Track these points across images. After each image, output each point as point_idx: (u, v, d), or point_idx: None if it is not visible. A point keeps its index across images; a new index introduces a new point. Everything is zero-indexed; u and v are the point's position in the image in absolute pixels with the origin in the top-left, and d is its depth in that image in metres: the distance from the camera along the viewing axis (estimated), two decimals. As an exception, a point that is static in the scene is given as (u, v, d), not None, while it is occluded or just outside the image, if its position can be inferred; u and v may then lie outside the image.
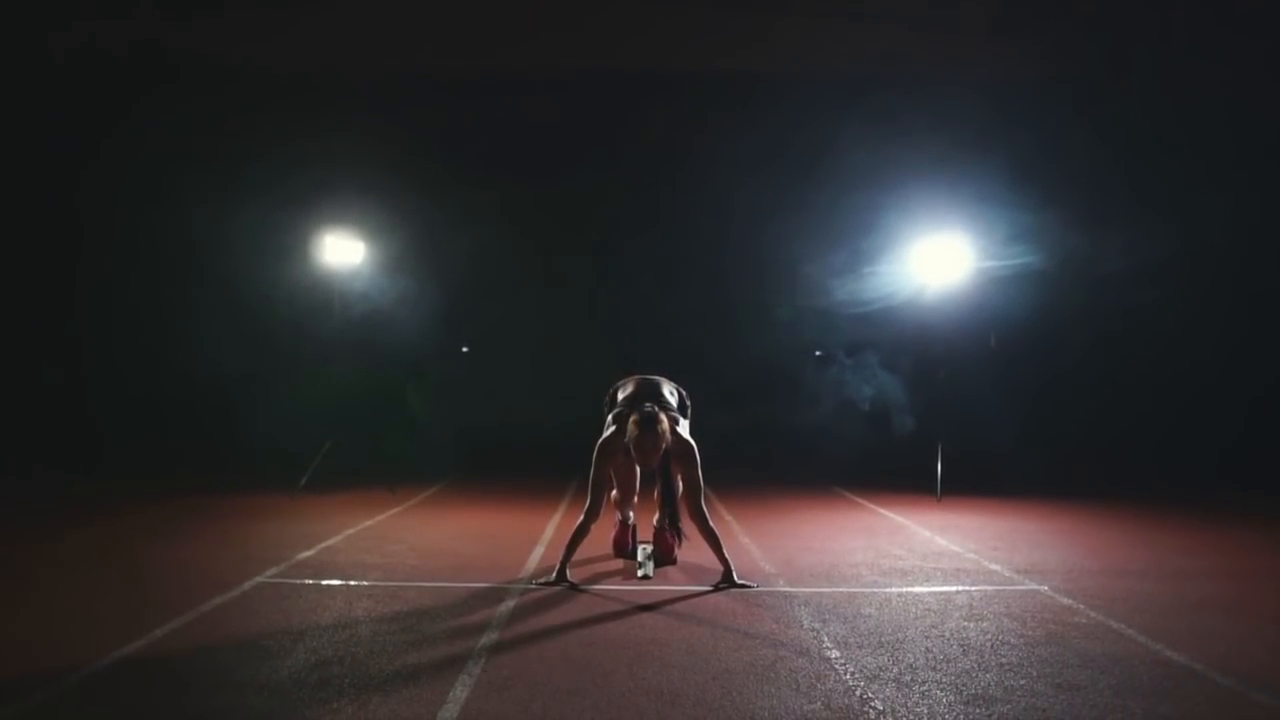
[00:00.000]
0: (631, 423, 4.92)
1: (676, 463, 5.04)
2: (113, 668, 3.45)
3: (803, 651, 3.72)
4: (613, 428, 5.10)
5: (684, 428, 5.20)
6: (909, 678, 3.41)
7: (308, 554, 5.61)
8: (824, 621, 4.17)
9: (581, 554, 5.06)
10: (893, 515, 7.53)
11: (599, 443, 5.07)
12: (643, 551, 5.40)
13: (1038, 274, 10.97)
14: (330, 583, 4.87)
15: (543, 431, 12.87)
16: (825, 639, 3.89)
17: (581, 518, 4.91)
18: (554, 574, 4.86)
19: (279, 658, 3.57)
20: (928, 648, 3.79)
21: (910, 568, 5.41)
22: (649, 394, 5.21)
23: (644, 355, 7.66)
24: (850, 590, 4.83)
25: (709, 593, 4.70)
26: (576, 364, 13.05)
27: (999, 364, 11.91)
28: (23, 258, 11.41)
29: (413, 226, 10.99)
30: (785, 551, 5.85)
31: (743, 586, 4.79)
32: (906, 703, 3.16)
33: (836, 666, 3.53)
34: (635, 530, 5.62)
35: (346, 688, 3.24)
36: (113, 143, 11.44)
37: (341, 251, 8.76)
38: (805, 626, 4.09)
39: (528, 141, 13.21)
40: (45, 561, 5.35)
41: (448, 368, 14.56)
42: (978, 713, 3.07)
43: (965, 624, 4.16)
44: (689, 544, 5.25)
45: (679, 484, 5.16)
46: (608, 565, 5.37)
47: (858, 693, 3.25)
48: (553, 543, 5.97)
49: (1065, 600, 4.60)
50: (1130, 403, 11.55)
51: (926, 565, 5.49)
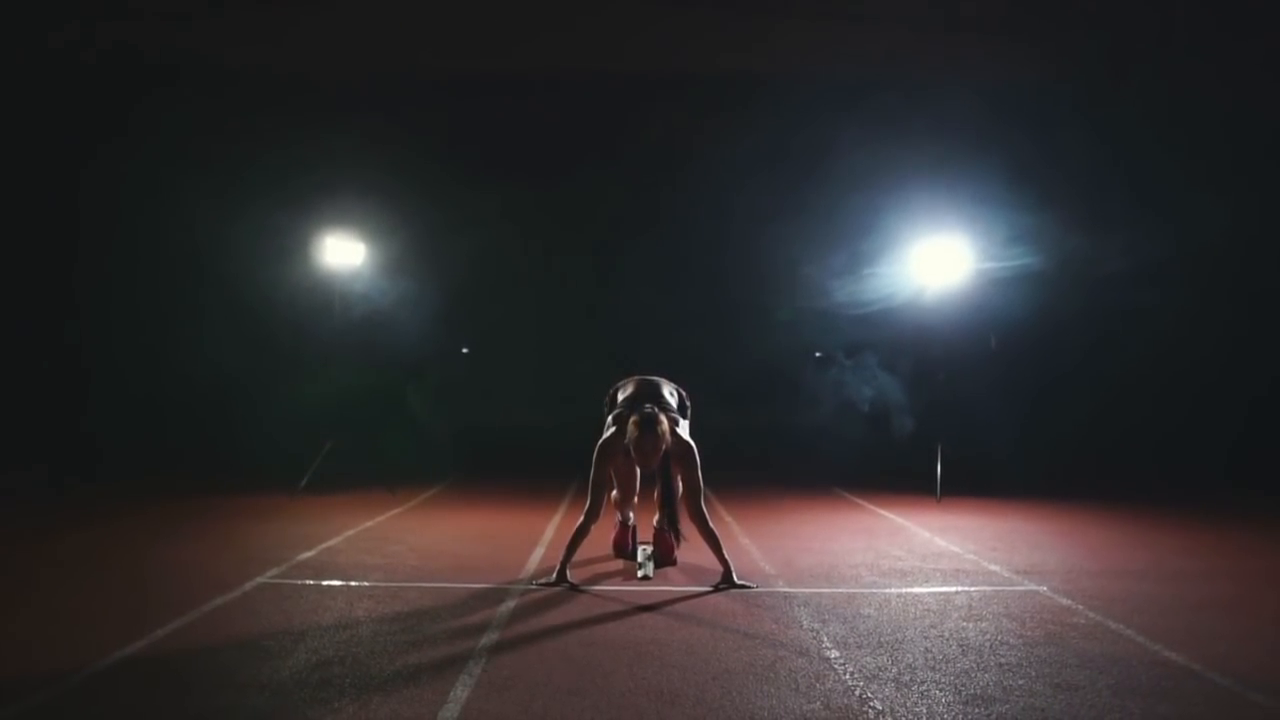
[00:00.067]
0: (631, 424, 4.93)
1: (676, 464, 5.05)
2: (114, 668, 3.46)
3: (802, 652, 3.73)
4: (613, 429, 5.11)
5: (684, 429, 5.21)
6: (908, 678, 3.42)
7: (308, 555, 5.62)
8: (823, 622, 4.18)
9: (582, 555, 5.08)
10: (892, 516, 7.54)
11: (599, 444, 5.08)
12: (643, 552, 5.41)
13: (1037, 275, 10.96)
14: (331, 583, 4.89)
15: (543, 432, 12.89)
16: (825, 639, 3.90)
17: (581, 518, 4.93)
18: (554, 574, 4.87)
19: (280, 658, 3.58)
20: (927, 648, 3.80)
21: (910, 568, 5.42)
22: (649, 395, 5.22)
23: (644, 356, 7.67)
24: (850, 591, 4.84)
25: (709, 593, 4.71)
26: (576, 365, 13.06)
27: (998, 365, 11.91)
28: (23, 258, 11.41)
29: (413, 228, 11.00)
30: (785, 552, 5.86)
31: (742, 587, 4.80)
32: (905, 702, 3.17)
33: (836, 666, 3.54)
34: (635, 531, 5.63)
35: (347, 688, 3.25)
36: (113, 144, 11.44)
37: (342, 253, 8.80)
38: (805, 627, 4.10)
39: (528, 143, 13.21)
40: (46, 562, 5.37)
41: (448, 369, 14.57)
42: (976, 712, 3.08)
43: (964, 624, 4.17)
44: (689, 545, 5.26)
45: (679, 485, 5.18)
46: (608, 566, 5.39)
47: (857, 692, 3.26)
48: (553, 544, 5.99)
49: (1064, 601, 4.62)
50: (1130, 404, 11.56)
51: (926, 566, 5.50)
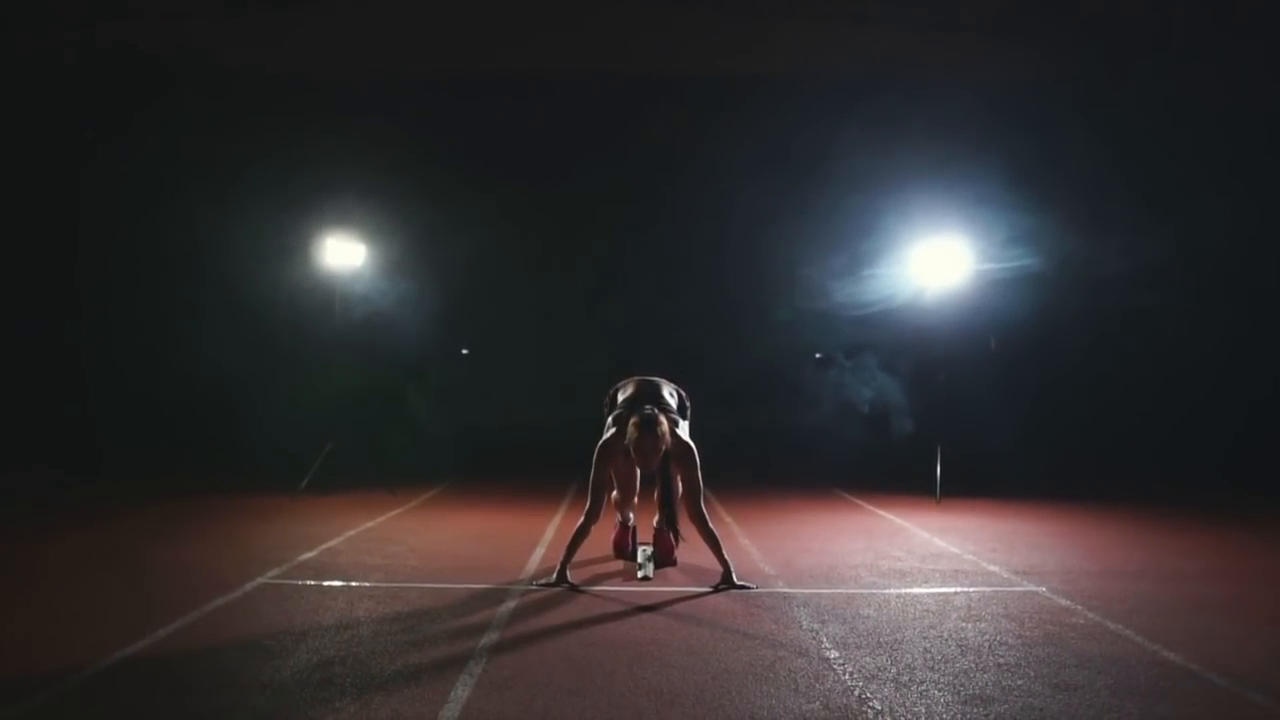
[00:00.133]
0: (631, 425, 4.94)
1: (676, 464, 5.06)
2: (115, 668, 3.47)
3: (802, 652, 3.74)
4: (613, 429, 5.12)
5: (684, 429, 5.22)
6: (907, 678, 3.43)
7: (309, 555, 5.63)
8: (823, 622, 4.19)
9: (582, 555, 5.08)
10: (892, 517, 7.55)
11: (599, 444, 5.09)
12: (643, 553, 5.42)
13: (1037, 276, 10.98)
14: (332, 584, 4.90)
15: (543, 433, 12.90)
16: (824, 639, 3.91)
17: (582, 519, 4.94)
18: (554, 575, 4.88)
19: (281, 658, 3.59)
20: (926, 648, 3.81)
21: (909, 569, 5.43)
22: (649, 396, 5.22)
23: (644, 356, 7.69)
24: (849, 591, 4.85)
25: (709, 594, 4.72)
26: (576, 365, 13.08)
27: (998, 366, 11.93)
28: (24, 259, 11.42)
29: (413, 229, 11.01)
30: (785, 553, 5.87)
31: (742, 587, 4.81)
32: (904, 702, 3.18)
33: (835, 667, 3.55)
34: (635, 531, 5.64)
35: (348, 687, 3.26)
36: (113, 144, 11.46)
37: (342, 254, 8.80)
38: (804, 627, 4.11)
39: (528, 144, 13.23)
40: (47, 562, 5.38)
41: (448, 369, 14.58)
42: (975, 712, 3.09)
43: (963, 625, 4.18)
44: (688, 545, 5.27)
45: (678, 485, 5.18)
46: (608, 566, 5.40)
47: (856, 692, 3.27)
48: (553, 544, 6.00)
49: (1063, 601, 4.63)
50: (1129, 404, 11.57)
51: (925, 567, 5.51)
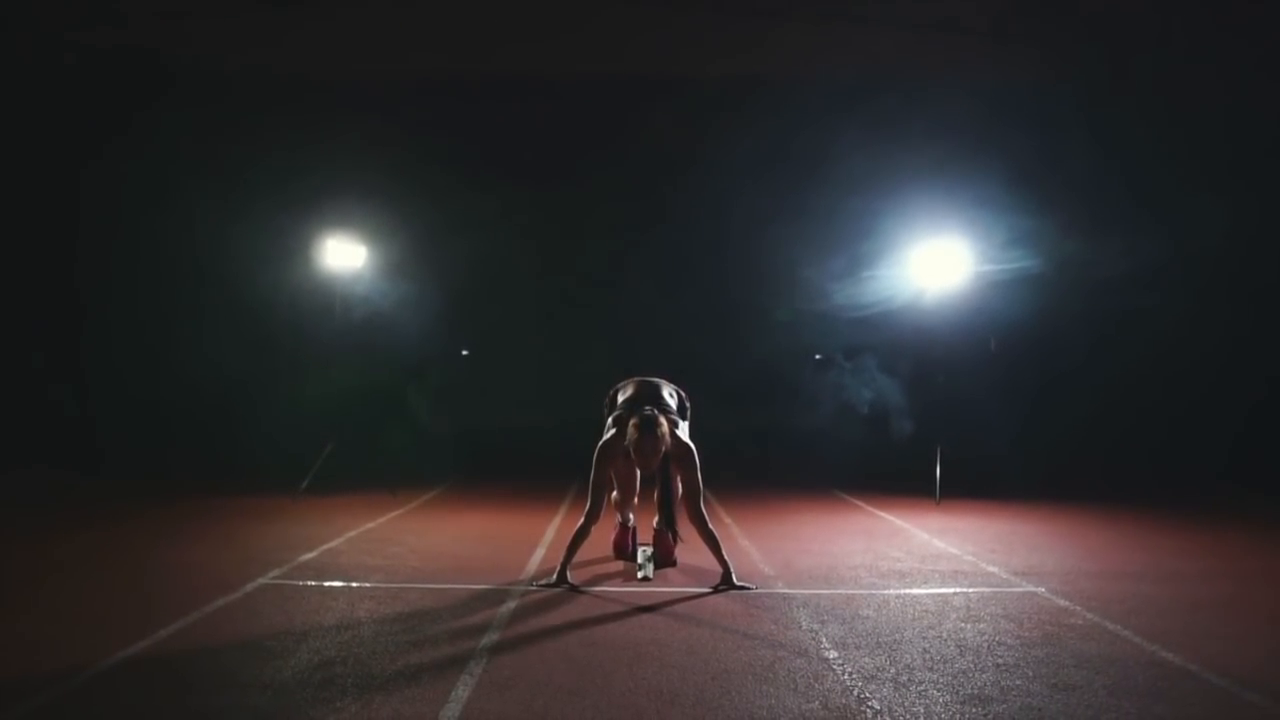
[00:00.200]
0: (631, 426, 4.95)
1: (676, 465, 5.07)
2: (117, 668, 3.48)
3: (801, 652, 3.75)
4: (613, 430, 5.13)
5: (683, 430, 5.23)
6: (906, 678, 3.45)
7: (310, 556, 5.64)
8: (822, 623, 4.20)
9: (582, 556, 5.10)
10: (891, 518, 7.57)
11: (599, 445, 5.10)
12: (643, 553, 5.43)
13: (1036, 277, 11.01)
14: (332, 584, 4.91)
15: (543, 434, 12.91)
16: (823, 640, 3.92)
17: (582, 520, 4.95)
18: (555, 575, 4.89)
19: (282, 658, 3.60)
20: (925, 648, 3.82)
21: (908, 570, 5.44)
22: (649, 397, 5.23)
23: (644, 357, 7.70)
24: (849, 592, 4.86)
25: (708, 594, 4.73)
26: (576, 366, 13.09)
27: (997, 367, 11.95)
28: (24, 260, 11.44)
29: (414, 230, 11.04)
30: (784, 554, 5.88)
31: (742, 588, 4.82)
32: (903, 702, 3.19)
33: (834, 667, 3.56)
34: (635, 532, 5.65)
35: (350, 687, 3.28)
36: (115, 147, 11.47)
37: (343, 255, 8.83)
38: (804, 628, 4.12)
39: (529, 145, 13.25)
40: (49, 563, 5.39)
41: (448, 370, 14.60)
42: (974, 712, 3.10)
43: (962, 625, 4.20)
44: (688, 546, 5.29)
45: (678, 486, 5.20)
46: (608, 567, 5.41)
47: (855, 692, 3.28)
48: (553, 545, 6.01)
49: (1062, 602, 4.64)
50: (1128, 405, 11.59)
51: (924, 567, 5.52)
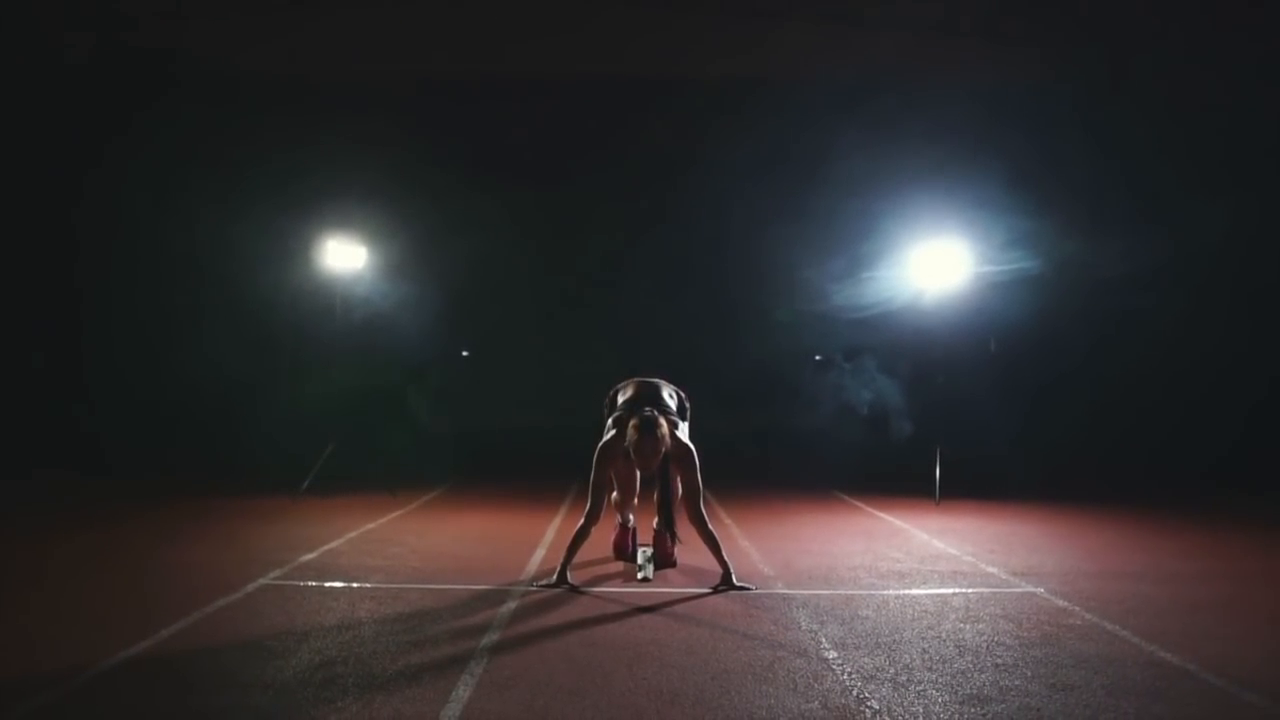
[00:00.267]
0: (631, 427, 4.96)
1: (675, 466, 5.08)
2: (119, 668, 3.49)
3: (800, 652, 3.76)
4: (613, 431, 5.14)
5: (683, 431, 5.24)
6: (905, 678, 3.46)
7: (310, 556, 5.65)
8: (822, 623, 4.21)
9: (582, 556, 5.10)
10: (891, 519, 7.58)
11: (599, 446, 5.11)
12: (643, 554, 5.43)
13: (1036, 279, 11.03)
14: (333, 585, 4.92)
15: (543, 435, 12.93)
16: (823, 640, 3.93)
17: (582, 521, 4.96)
18: (555, 576, 4.90)
19: (283, 658, 3.61)
20: (924, 649, 3.83)
21: (908, 570, 5.45)
22: (648, 397, 5.24)
23: (644, 358, 7.71)
24: (848, 592, 4.87)
25: (708, 595, 4.74)
26: (576, 367, 13.11)
27: (997, 368, 11.96)
28: (25, 261, 11.45)
29: (414, 231, 11.06)
30: (784, 554, 5.90)
31: (741, 589, 4.83)
32: (902, 702, 3.20)
33: (834, 667, 3.57)
34: (635, 533, 5.66)
35: (350, 687, 3.28)
36: (115, 147, 11.49)
37: (343, 256, 8.84)
38: (803, 628, 4.13)
39: (529, 147, 13.28)
40: (50, 564, 5.40)
41: (448, 371, 14.61)
42: (972, 712, 3.11)
43: (961, 625, 4.21)
44: (688, 547, 5.30)
45: (678, 487, 5.21)
46: (608, 567, 5.42)
47: (854, 692, 3.29)
48: (553, 545, 6.02)
49: (1061, 602, 4.65)
50: (1128, 406, 11.60)
51: (924, 568, 5.53)
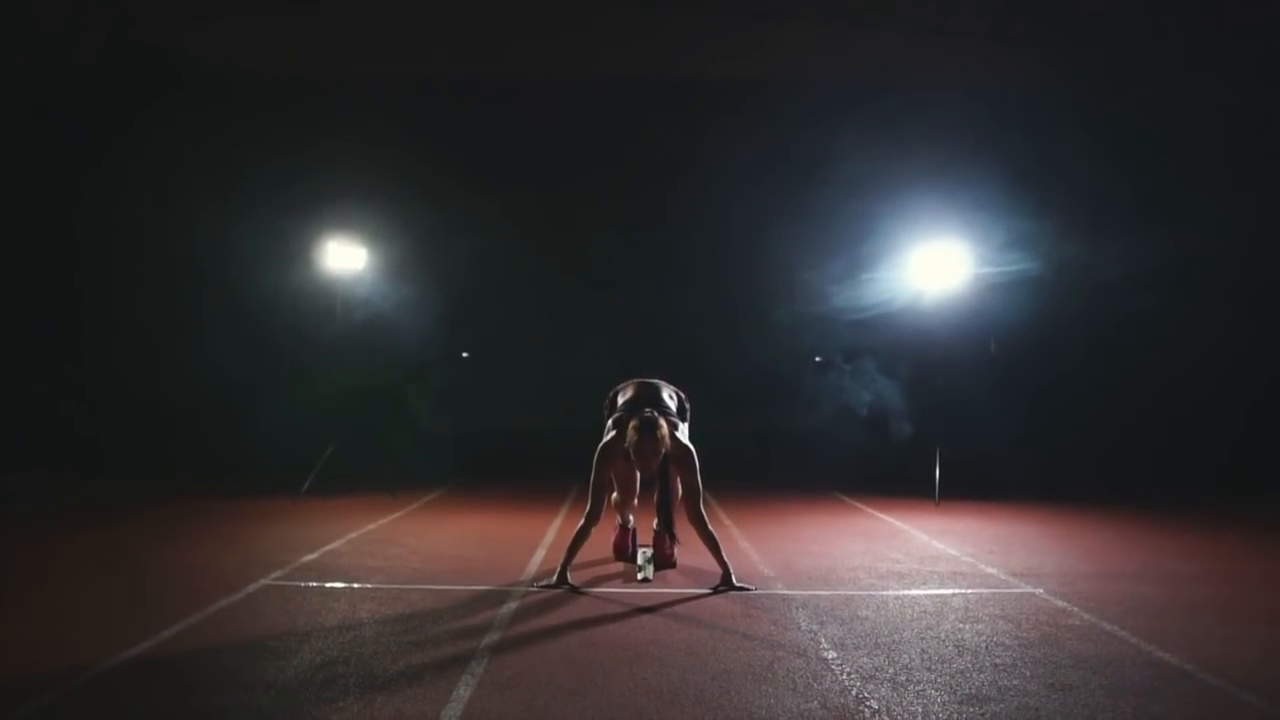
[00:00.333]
0: (631, 428, 4.97)
1: (675, 467, 5.09)
2: (121, 668, 3.50)
3: (800, 652, 3.77)
4: (613, 432, 5.14)
5: (683, 432, 5.25)
6: (904, 678, 3.47)
7: (311, 557, 5.66)
8: (821, 623, 4.22)
9: (582, 557, 5.12)
10: (891, 519, 7.59)
11: (599, 447, 5.12)
12: (643, 555, 5.44)
13: (1035, 280, 11.04)
14: (334, 585, 4.93)
15: (543, 436, 12.94)
16: (822, 640, 3.94)
17: (582, 521, 4.97)
18: (555, 577, 4.91)
19: (284, 658, 3.62)
20: (923, 649, 3.84)
21: (907, 571, 5.46)
22: (648, 399, 5.25)
23: (644, 359, 7.72)
24: (848, 593, 4.88)
25: (708, 595, 4.75)
26: (576, 368, 13.12)
27: (996, 369, 11.98)
28: (26, 262, 11.46)
29: (414, 232, 11.07)
30: (784, 555, 5.91)
31: (741, 589, 4.84)
32: (901, 702, 3.21)
33: (833, 667, 3.58)
34: (635, 534, 5.68)
35: (352, 687, 3.30)
36: (116, 148, 11.51)
37: (344, 257, 8.86)
38: (803, 628, 4.14)
39: (530, 148, 13.30)
40: (51, 564, 5.41)
41: (449, 372, 14.62)
42: (971, 712, 3.12)
43: (961, 626, 4.22)
44: (688, 547, 5.31)
45: (678, 488, 5.22)
46: (608, 568, 5.43)
47: (854, 692, 3.30)
48: (554, 546, 6.03)
49: (1060, 603, 4.66)
50: (1127, 407, 11.62)
51: (923, 568, 5.54)
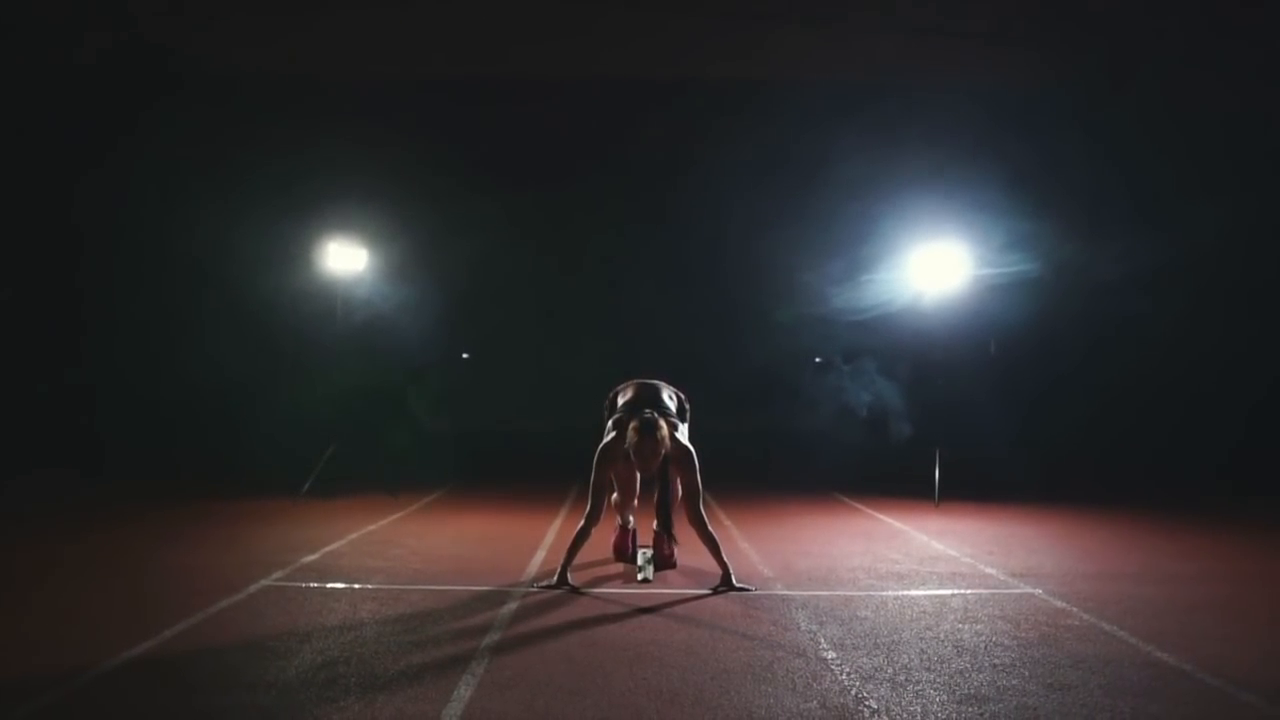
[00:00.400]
0: (631, 429, 4.98)
1: (675, 468, 5.10)
2: (122, 668, 3.51)
3: (800, 653, 3.78)
4: (613, 433, 5.15)
5: (683, 433, 5.25)
6: (903, 678, 3.48)
7: (312, 558, 5.67)
8: (821, 624, 4.23)
9: (582, 558, 5.12)
10: (890, 520, 7.59)
11: (599, 448, 5.13)
12: (643, 555, 5.45)
13: (1035, 281, 11.05)
14: (334, 586, 4.94)
15: (543, 437, 12.95)
16: (822, 640, 3.95)
17: (582, 522, 4.98)
18: (555, 577, 4.92)
19: (285, 658, 3.63)
20: (922, 649, 3.85)
21: (907, 571, 5.47)
22: (648, 399, 5.26)
23: (644, 360, 7.73)
24: (847, 593, 4.89)
25: (708, 596, 4.76)
26: (577, 369, 13.13)
27: (996, 370, 11.99)
28: (27, 263, 11.48)
29: (415, 233, 11.09)
30: (783, 556, 5.91)
31: (741, 590, 4.85)
32: (901, 702, 3.23)
33: (833, 667, 3.59)
34: (635, 534, 5.68)
35: (353, 687, 3.31)
36: (118, 149, 11.52)
37: (344, 258, 8.86)
38: (802, 629, 4.15)
39: (530, 149, 13.32)
40: (53, 565, 5.42)
41: (449, 373, 14.63)
42: (970, 712, 3.13)
43: (960, 626, 4.23)
44: (688, 548, 5.32)
45: (678, 489, 5.23)
46: (608, 569, 5.44)
47: (853, 692, 3.31)
48: (554, 547, 6.04)
49: (1059, 603, 4.67)
50: (1126, 408, 11.63)
51: (923, 569, 5.55)
